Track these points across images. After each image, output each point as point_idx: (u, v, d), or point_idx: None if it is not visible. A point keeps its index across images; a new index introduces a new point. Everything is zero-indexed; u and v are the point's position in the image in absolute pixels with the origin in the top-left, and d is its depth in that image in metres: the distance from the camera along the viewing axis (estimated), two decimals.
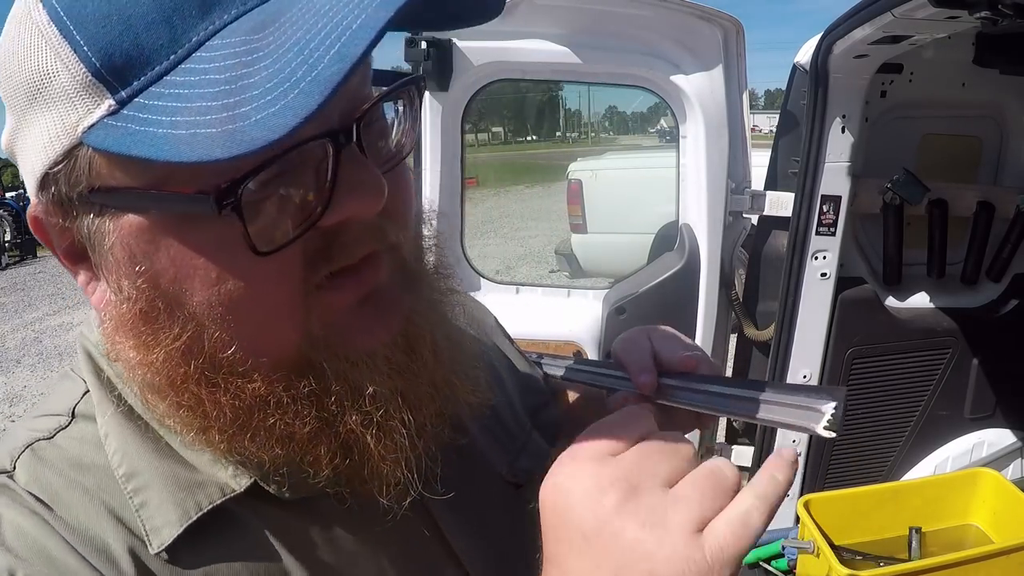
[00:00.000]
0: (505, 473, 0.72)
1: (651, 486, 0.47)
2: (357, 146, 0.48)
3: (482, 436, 0.72)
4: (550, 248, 9.03)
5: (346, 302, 0.51)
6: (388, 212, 0.51)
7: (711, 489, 0.47)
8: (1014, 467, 2.47)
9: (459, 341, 0.62)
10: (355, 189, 0.47)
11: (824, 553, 1.86)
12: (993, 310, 2.35)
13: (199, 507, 0.53)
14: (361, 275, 0.52)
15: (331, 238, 0.49)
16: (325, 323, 0.51)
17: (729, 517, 0.46)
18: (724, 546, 0.45)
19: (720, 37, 2.38)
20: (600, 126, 27.80)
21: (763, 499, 0.47)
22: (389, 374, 0.53)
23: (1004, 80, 2.10)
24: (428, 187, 2.55)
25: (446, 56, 2.39)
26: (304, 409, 0.51)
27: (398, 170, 0.54)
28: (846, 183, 2.17)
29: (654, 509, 0.46)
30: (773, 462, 0.50)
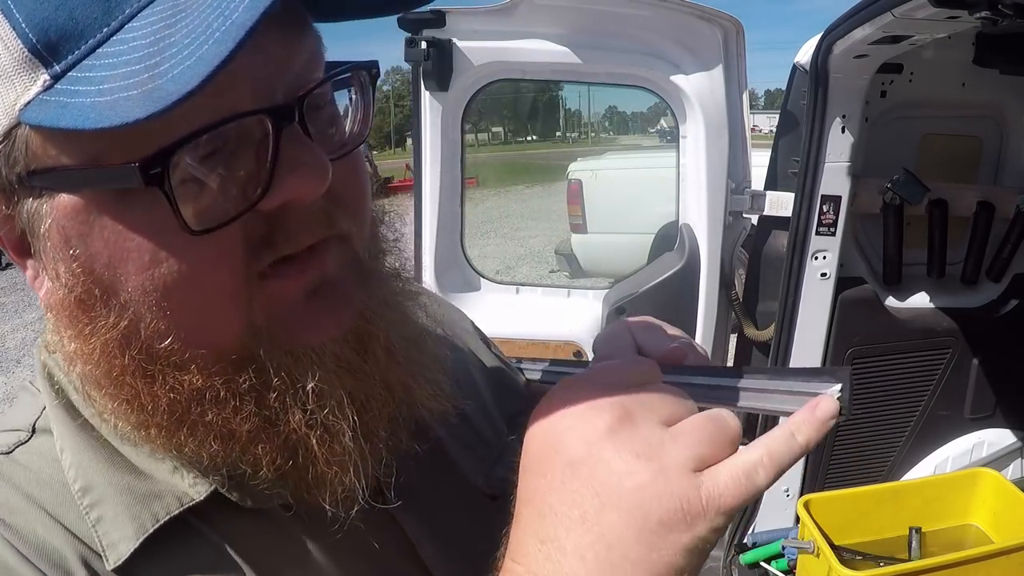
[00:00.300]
0: (480, 484, 0.69)
1: (649, 419, 0.44)
2: (300, 126, 0.46)
3: (454, 444, 0.70)
4: (550, 248, 9.03)
5: (292, 293, 0.49)
6: (338, 200, 0.50)
7: (712, 433, 0.43)
8: (1014, 467, 2.47)
9: (419, 343, 0.59)
10: (296, 169, 0.46)
11: (824, 553, 1.86)
12: (993, 310, 2.35)
13: (155, 519, 0.51)
14: (307, 264, 0.49)
15: (274, 223, 0.47)
16: (269, 314, 0.49)
17: (733, 465, 0.42)
18: (723, 493, 0.41)
19: (720, 37, 2.38)
20: (600, 126, 27.80)
21: (774, 457, 0.43)
22: (337, 372, 0.51)
23: (1004, 80, 2.11)
24: (428, 187, 2.55)
25: (446, 56, 2.39)
26: (244, 405, 0.49)
27: (351, 160, 0.52)
28: (846, 183, 2.17)
29: (650, 441, 0.42)
30: (801, 418, 0.45)
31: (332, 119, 0.52)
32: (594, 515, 0.42)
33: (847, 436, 2.43)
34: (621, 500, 0.41)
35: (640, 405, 0.44)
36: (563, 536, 0.42)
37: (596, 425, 0.43)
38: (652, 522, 0.41)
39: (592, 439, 0.43)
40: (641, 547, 0.41)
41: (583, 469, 0.42)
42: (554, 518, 0.43)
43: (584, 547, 0.41)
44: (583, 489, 0.42)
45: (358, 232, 0.53)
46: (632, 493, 0.41)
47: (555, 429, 0.44)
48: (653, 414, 0.44)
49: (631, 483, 0.41)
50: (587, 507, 0.42)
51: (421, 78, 2.43)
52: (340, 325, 0.51)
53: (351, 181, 0.52)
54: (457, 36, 2.39)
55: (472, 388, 0.77)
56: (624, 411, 0.43)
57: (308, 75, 0.48)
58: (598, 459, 0.42)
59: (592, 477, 0.42)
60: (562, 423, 0.44)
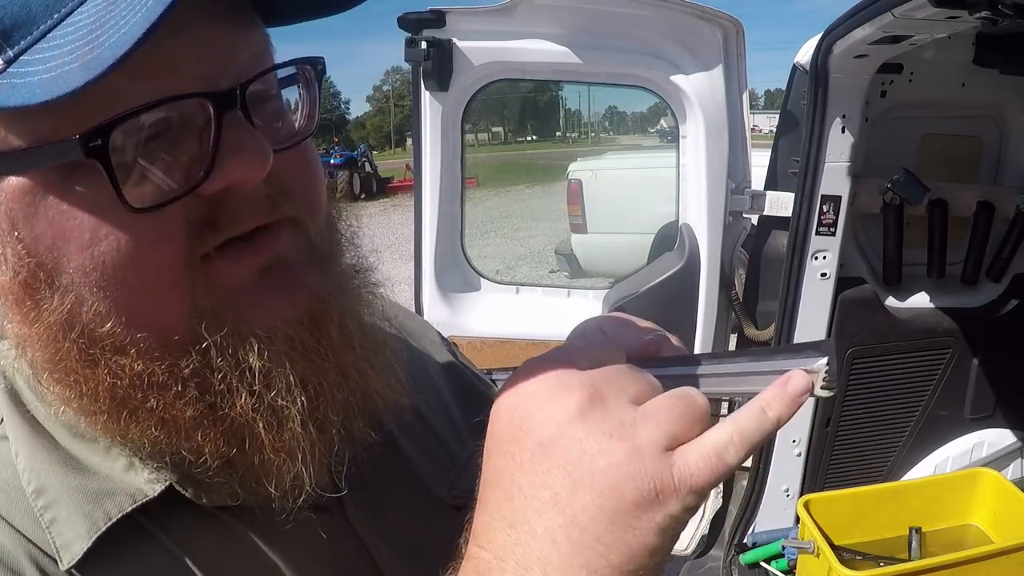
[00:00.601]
0: (444, 495, 0.68)
1: (619, 399, 0.43)
2: (243, 113, 0.47)
3: (416, 452, 0.69)
4: (550, 248, 9.02)
5: (241, 273, 0.50)
6: (285, 189, 0.51)
7: (682, 411, 0.42)
8: (1014, 467, 2.47)
9: (374, 331, 0.59)
10: (237, 153, 0.47)
11: (824, 553, 1.86)
12: (993, 310, 2.35)
13: (108, 517, 0.50)
14: (257, 244, 0.50)
15: (217, 206, 0.48)
16: (216, 295, 0.49)
17: (703, 444, 0.42)
18: (694, 473, 0.41)
19: (720, 37, 2.38)
20: (600, 126, 27.81)
21: (744, 435, 0.42)
22: (288, 354, 0.50)
23: (1004, 80, 2.11)
24: (428, 187, 2.55)
25: (446, 56, 2.39)
26: (187, 391, 0.49)
27: (299, 152, 0.53)
28: (846, 183, 2.17)
29: (622, 421, 0.41)
30: (771, 394, 0.44)
31: (279, 113, 0.53)
32: (566, 496, 0.40)
33: (847, 436, 2.43)
34: (594, 480, 0.40)
35: (609, 384, 0.43)
36: (533, 519, 0.41)
37: (567, 404, 0.42)
38: (626, 503, 0.40)
39: (563, 419, 0.41)
40: (615, 528, 0.40)
41: (554, 449, 0.41)
42: (523, 500, 0.41)
43: (555, 529, 0.40)
44: (554, 470, 0.41)
45: (311, 220, 0.54)
46: (605, 473, 0.40)
47: (523, 409, 0.43)
48: (622, 393, 0.43)
49: (604, 463, 0.40)
50: (558, 488, 0.41)
51: (421, 78, 2.43)
52: (294, 305, 0.51)
53: (299, 172, 0.53)
54: (457, 36, 2.39)
55: (435, 395, 0.76)
56: (594, 390, 0.42)
57: (254, 68, 0.50)
58: (570, 439, 0.41)
59: (563, 457, 0.41)
60: (530, 403, 0.43)
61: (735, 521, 2.51)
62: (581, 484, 0.40)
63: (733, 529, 2.50)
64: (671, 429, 0.42)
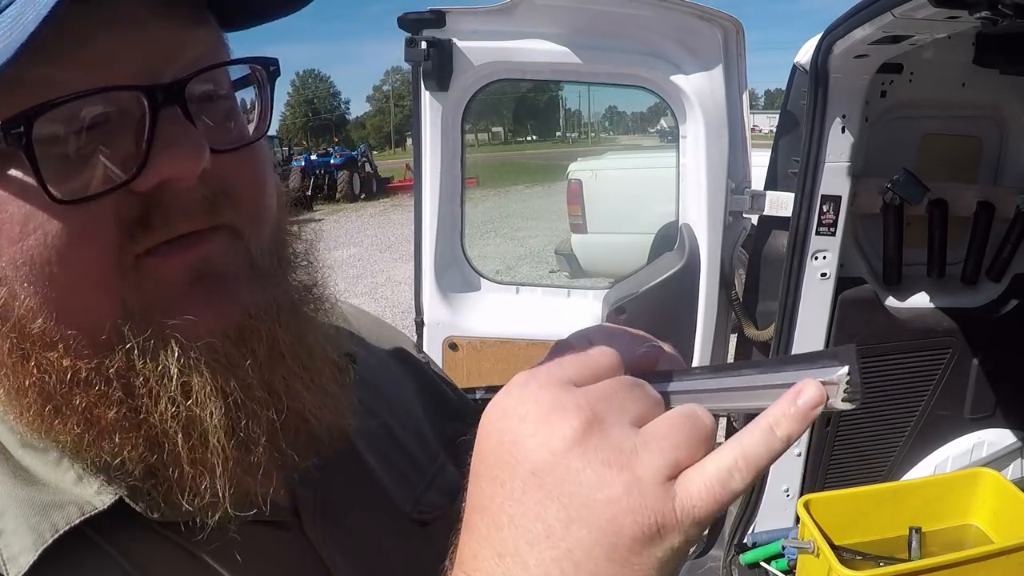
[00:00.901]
0: (410, 510, 0.66)
1: (619, 421, 0.40)
2: (182, 109, 0.47)
3: (382, 466, 0.67)
4: (550, 248, 9.03)
5: (172, 273, 0.49)
6: (227, 193, 0.50)
7: (686, 434, 0.40)
8: (1014, 467, 2.47)
9: (315, 352, 0.56)
10: (170, 147, 0.46)
11: (824, 553, 1.86)
12: (993, 310, 2.35)
13: (55, 529, 0.49)
14: (188, 243, 0.49)
15: (150, 204, 0.47)
16: (146, 297, 0.48)
17: (706, 472, 0.39)
18: (696, 505, 0.38)
19: (720, 37, 2.38)
20: (600, 126, 27.81)
21: (750, 459, 0.39)
22: (210, 365, 0.49)
23: (1004, 80, 2.11)
24: (428, 187, 2.55)
25: (446, 56, 2.39)
26: (112, 391, 0.48)
27: (248, 156, 0.52)
28: (846, 183, 2.17)
29: (622, 448, 0.39)
30: (780, 410, 0.40)
31: (229, 114, 0.52)
32: (561, 530, 0.38)
33: (847, 436, 2.43)
34: (591, 514, 0.38)
35: (608, 404, 0.40)
36: (525, 551, 0.39)
37: (562, 431, 0.39)
38: (625, 538, 0.38)
39: (558, 447, 0.39)
40: (612, 564, 0.38)
41: (548, 479, 0.39)
42: (514, 531, 0.39)
43: (548, 563, 0.38)
44: (547, 501, 0.39)
45: (252, 231, 0.52)
46: (603, 507, 0.38)
47: (514, 433, 0.40)
48: (623, 415, 0.40)
49: (603, 496, 0.38)
50: (552, 521, 0.38)
51: (421, 78, 2.43)
52: (222, 318, 0.50)
53: (244, 177, 0.52)
54: (457, 36, 2.39)
55: (404, 407, 0.75)
56: (592, 414, 0.40)
57: (200, 66, 0.49)
58: (566, 469, 0.38)
59: (558, 488, 0.39)
60: (523, 427, 0.40)
61: (735, 521, 2.50)
62: (577, 518, 0.38)
63: (733, 529, 2.50)
64: (675, 456, 0.39)
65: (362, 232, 16.37)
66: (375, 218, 18.88)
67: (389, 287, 10.50)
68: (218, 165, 0.49)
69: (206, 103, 0.50)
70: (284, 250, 0.57)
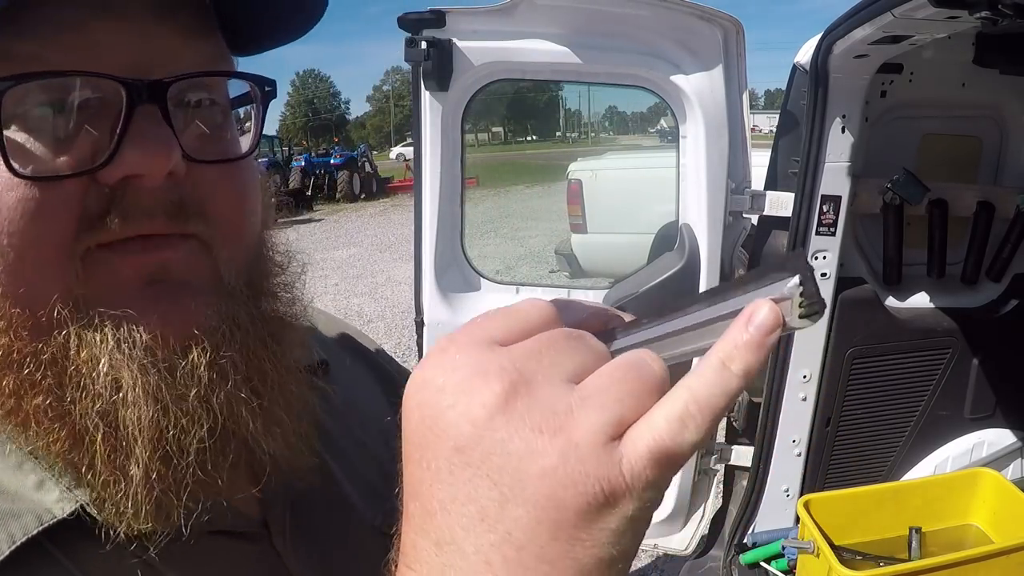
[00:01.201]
0: (379, 523, 0.64)
1: (550, 379, 0.35)
2: (160, 108, 0.46)
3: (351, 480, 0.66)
4: (550, 248, 9.03)
5: (126, 272, 0.48)
6: (200, 204, 0.49)
7: (631, 384, 0.34)
8: (1014, 467, 2.46)
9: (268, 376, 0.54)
10: (138, 141, 0.46)
11: (824, 553, 1.86)
12: (993, 310, 2.35)
13: (12, 540, 0.47)
14: (146, 245, 0.48)
15: (114, 199, 0.47)
16: (94, 288, 0.47)
17: (655, 425, 0.34)
18: (647, 464, 0.33)
19: (720, 37, 2.38)
20: (600, 126, 27.80)
21: (703, 404, 0.34)
22: (146, 368, 0.47)
23: (1004, 80, 2.10)
24: (428, 187, 2.55)
25: (446, 56, 2.39)
26: (43, 378, 0.47)
27: (233, 175, 0.51)
28: (846, 183, 2.17)
29: (554, 410, 0.34)
30: (731, 340, 0.35)
31: (220, 126, 0.52)
32: (495, 511, 0.34)
33: (847, 436, 2.43)
34: (526, 491, 0.33)
35: (538, 361, 0.35)
36: (461, 537, 0.35)
37: (483, 398, 0.34)
38: (568, 513, 0.33)
39: (479, 416, 0.34)
40: (559, 544, 0.33)
41: (474, 455, 0.34)
42: (447, 517, 0.35)
43: (487, 549, 0.34)
44: (477, 480, 0.34)
45: (224, 248, 0.51)
46: (538, 480, 0.33)
47: (432, 405, 0.35)
48: (555, 370, 0.35)
49: (536, 468, 0.33)
50: (485, 502, 0.34)
51: (421, 78, 2.42)
52: (167, 325, 0.48)
53: (223, 194, 0.51)
54: (457, 36, 2.38)
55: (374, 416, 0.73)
56: (518, 374, 0.34)
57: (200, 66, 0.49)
58: (491, 440, 0.34)
59: (486, 464, 0.34)
60: (441, 397, 0.35)
61: (735, 521, 2.50)
62: (511, 496, 0.33)
63: (733, 529, 2.50)
64: (618, 412, 0.34)
65: (362, 232, 16.36)
66: (375, 218, 18.87)
67: (389, 287, 10.51)
68: (195, 174, 0.48)
69: (195, 111, 0.49)
70: (260, 278, 0.55)
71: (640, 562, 3.84)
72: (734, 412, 2.60)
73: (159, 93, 0.47)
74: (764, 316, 0.34)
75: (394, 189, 24.60)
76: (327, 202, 22.90)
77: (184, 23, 0.48)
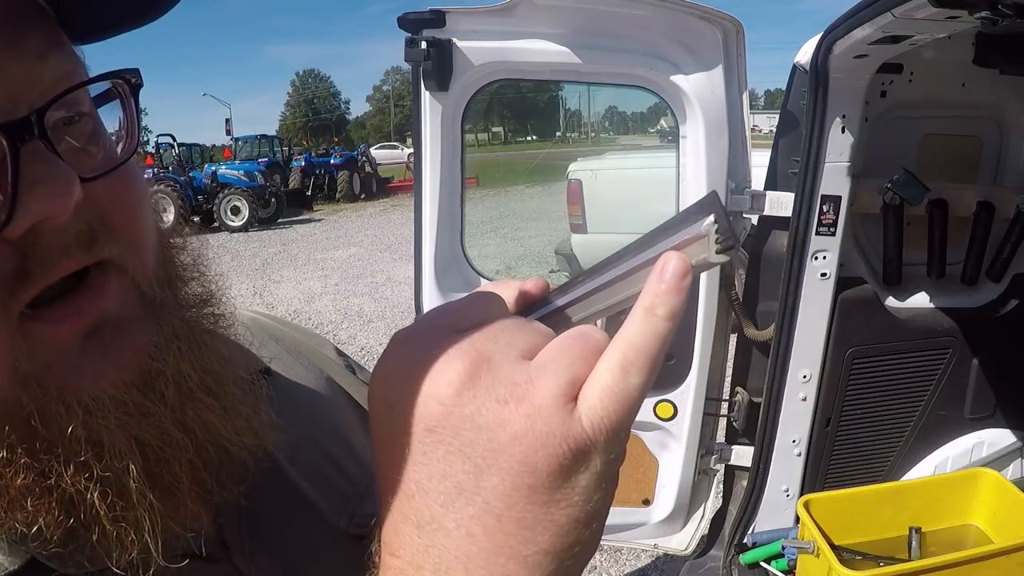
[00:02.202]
0: (345, 526, 0.64)
1: (507, 356, 0.37)
2: (42, 141, 0.43)
3: (312, 485, 0.65)
4: (550, 248, 9.02)
5: (65, 338, 0.46)
6: (104, 221, 0.47)
7: (578, 350, 0.37)
8: (1014, 467, 2.47)
9: (221, 375, 0.54)
10: (38, 185, 0.42)
11: (824, 553, 1.86)
12: (993, 310, 2.35)
13: None
14: (79, 302, 0.46)
15: (26, 252, 0.43)
16: (38, 361, 0.45)
17: (599, 377, 0.36)
18: (602, 415, 0.36)
19: (720, 37, 2.38)
20: (600, 126, 27.80)
21: (639, 349, 0.37)
22: (121, 420, 0.47)
23: (1004, 80, 2.11)
24: (428, 187, 2.55)
25: (446, 56, 2.39)
26: (17, 457, 0.45)
27: (122, 178, 0.49)
28: (846, 183, 2.17)
29: (515, 381, 0.36)
30: (651, 290, 0.38)
31: (93, 134, 0.49)
32: (472, 483, 0.35)
33: (847, 436, 2.43)
34: (498, 459, 0.35)
35: (494, 342, 0.37)
36: (441, 515, 0.36)
37: (448, 378, 0.36)
38: (541, 475, 0.35)
39: (446, 395, 0.36)
40: (535, 507, 0.35)
41: (444, 433, 0.36)
42: (425, 497, 0.36)
43: (468, 521, 0.36)
44: (450, 456, 0.36)
45: (135, 259, 0.50)
46: (509, 448, 0.35)
47: (398, 393, 0.37)
48: (510, 349, 0.37)
49: (505, 436, 0.35)
50: (460, 476, 0.36)
51: (421, 78, 2.42)
52: (120, 368, 0.47)
53: (120, 201, 0.49)
54: (457, 36, 2.38)
55: (330, 419, 0.72)
56: (477, 354, 0.37)
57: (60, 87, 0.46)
58: (459, 416, 0.36)
59: (457, 439, 0.36)
60: (406, 385, 0.37)
61: (735, 521, 2.51)
62: (485, 466, 0.35)
63: (733, 529, 2.50)
64: (570, 374, 0.36)
65: (362, 232, 16.37)
66: (375, 218, 18.88)
67: (389, 287, 10.51)
68: (90, 193, 0.45)
69: (67, 128, 0.47)
70: (171, 268, 0.54)
71: (640, 562, 3.84)
72: (734, 412, 2.60)
73: (35, 127, 0.43)
74: (674, 266, 0.38)
75: (394, 189, 24.61)
76: (327, 202, 22.91)
77: (32, 44, 0.45)
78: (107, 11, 0.52)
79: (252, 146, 23.00)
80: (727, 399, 2.63)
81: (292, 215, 20.16)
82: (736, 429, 2.69)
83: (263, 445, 0.56)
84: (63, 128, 0.46)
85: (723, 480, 2.73)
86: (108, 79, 0.50)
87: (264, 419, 0.57)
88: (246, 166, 19.45)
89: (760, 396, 2.43)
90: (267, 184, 18.88)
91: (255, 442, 0.55)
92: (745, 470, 2.55)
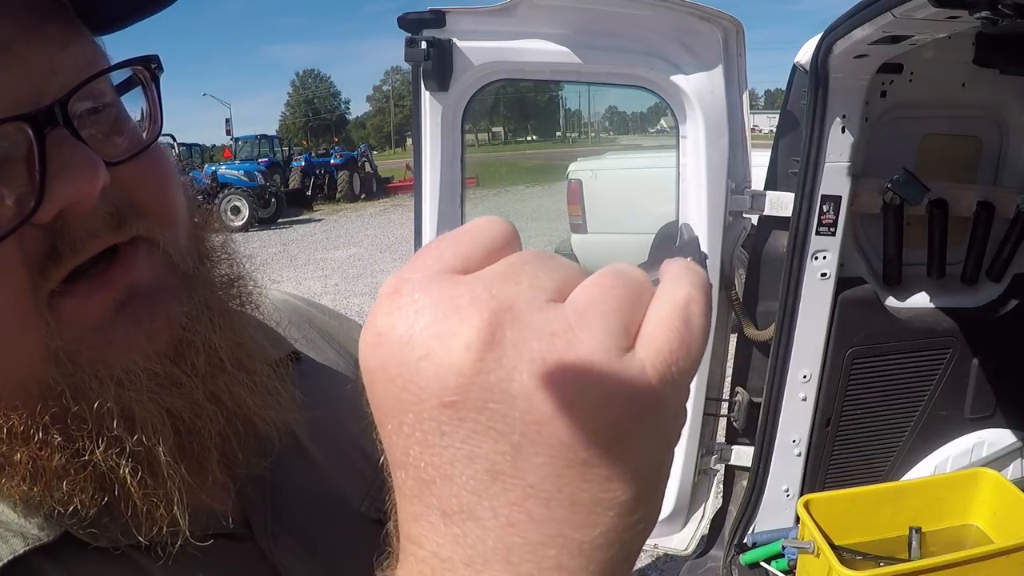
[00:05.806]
0: (366, 509, 0.63)
1: (534, 301, 0.29)
2: (67, 128, 0.44)
3: (335, 467, 0.65)
4: (550, 248, 9.01)
5: (96, 310, 0.47)
6: (133, 203, 0.48)
7: (623, 289, 0.31)
8: (1014, 467, 2.47)
9: (251, 350, 0.54)
10: (64, 171, 0.44)
11: (824, 553, 1.86)
12: (993, 310, 2.35)
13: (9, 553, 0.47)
14: (109, 274, 0.47)
15: (57, 234, 0.45)
16: (70, 336, 0.45)
17: (661, 317, 0.30)
18: (669, 359, 0.29)
19: (720, 37, 2.38)
20: (600, 126, 27.80)
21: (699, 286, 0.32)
22: (153, 391, 0.47)
23: (1004, 80, 2.11)
24: (428, 187, 2.55)
25: (446, 56, 2.39)
26: (51, 438, 0.46)
27: (147, 161, 0.50)
28: (846, 183, 2.17)
29: (551, 331, 0.28)
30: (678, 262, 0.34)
31: (117, 122, 0.50)
32: (509, 465, 0.29)
33: (847, 436, 2.43)
34: (541, 433, 0.28)
35: (516, 283, 0.30)
36: (472, 503, 0.29)
37: (464, 338, 0.28)
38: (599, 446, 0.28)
39: (464, 363, 0.28)
40: (593, 485, 0.29)
41: (465, 408, 0.28)
42: (449, 484, 0.30)
43: (508, 509, 0.29)
44: (476, 436, 0.29)
45: (168, 236, 0.51)
46: (555, 419, 0.28)
47: (401, 361, 0.29)
48: (536, 292, 0.30)
49: (550, 405, 0.28)
50: (494, 456, 0.29)
51: (421, 78, 2.43)
52: (152, 339, 0.48)
53: (147, 183, 0.50)
54: (457, 36, 2.38)
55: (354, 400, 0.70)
56: (496, 303, 0.29)
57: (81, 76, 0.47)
58: (483, 386, 0.28)
59: (483, 415, 0.28)
60: (409, 350, 0.29)
61: (735, 521, 2.50)
62: (525, 443, 0.28)
63: (733, 529, 2.50)
64: (621, 319, 0.30)
65: (362, 232, 16.37)
66: (375, 218, 18.88)
67: None
68: (117, 177, 0.47)
69: (92, 117, 0.48)
70: (203, 246, 0.55)
71: (640, 562, 3.84)
72: (734, 412, 2.60)
73: (60, 114, 0.45)
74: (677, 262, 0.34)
75: (394, 189, 24.61)
76: (327, 202, 22.91)
77: (53, 33, 0.46)
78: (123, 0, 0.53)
79: (252, 146, 23.01)
80: (727, 399, 2.63)
81: (292, 215, 20.17)
82: (736, 429, 2.69)
83: (288, 423, 0.57)
84: (87, 117, 0.48)
85: (723, 480, 2.73)
86: (129, 66, 0.51)
87: (289, 397, 0.57)
88: (246, 166, 19.48)
89: (760, 396, 2.43)
90: (267, 184, 18.92)
91: (281, 418, 0.56)
92: (745, 470, 2.55)
